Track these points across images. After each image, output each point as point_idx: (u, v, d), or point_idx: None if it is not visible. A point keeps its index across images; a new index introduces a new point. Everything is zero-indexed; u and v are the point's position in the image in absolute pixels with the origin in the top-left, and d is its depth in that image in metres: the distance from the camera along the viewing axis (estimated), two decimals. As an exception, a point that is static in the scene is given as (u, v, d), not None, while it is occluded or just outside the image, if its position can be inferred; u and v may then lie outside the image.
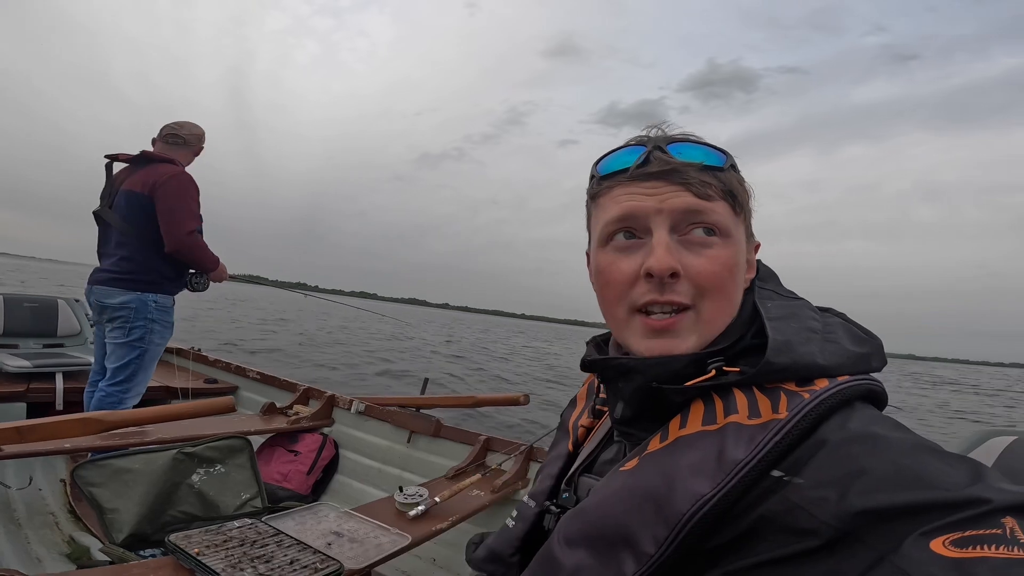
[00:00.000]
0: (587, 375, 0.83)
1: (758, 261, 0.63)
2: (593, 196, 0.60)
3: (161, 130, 2.51)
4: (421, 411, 2.46)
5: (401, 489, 1.67)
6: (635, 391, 0.55)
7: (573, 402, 0.82)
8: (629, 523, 0.47)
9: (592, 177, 0.60)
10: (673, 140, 0.56)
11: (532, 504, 0.70)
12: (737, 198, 0.55)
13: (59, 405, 2.50)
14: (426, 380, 2.74)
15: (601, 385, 0.77)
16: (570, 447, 0.73)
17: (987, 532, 0.34)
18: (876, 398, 0.50)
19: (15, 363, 2.57)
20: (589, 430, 0.74)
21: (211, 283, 2.58)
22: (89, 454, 1.92)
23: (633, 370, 0.55)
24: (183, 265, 2.44)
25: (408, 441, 2.35)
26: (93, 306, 2.39)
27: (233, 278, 2.71)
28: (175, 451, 1.77)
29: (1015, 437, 0.93)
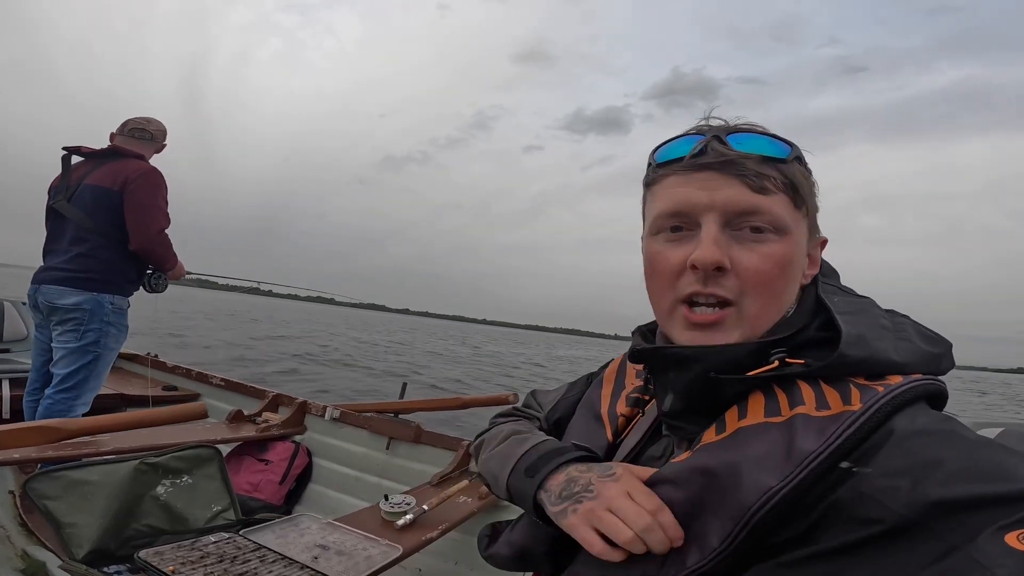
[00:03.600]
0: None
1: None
2: (648, 184, 0.59)
3: (124, 124, 2.37)
4: (400, 416, 2.38)
5: (387, 497, 1.60)
6: (690, 381, 0.53)
7: (596, 380, 0.77)
8: (691, 516, 0.46)
9: (649, 164, 0.58)
10: (734, 130, 0.54)
11: None
12: (799, 192, 0.53)
13: (5, 414, 2.32)
14: (404, 384, 2.65)
15: (629, 368, 0.73)
16: (610, 438, 0.68)
17: None
18: (940, 400, 0.49)
19: None
20: (628, 420, 0.69)
21: (169, 284, 2.46)
22: (39, 466, 1.77)
23: (690, 359, 0.53)
24: (143, 265, 2.33)
25: (387, 448, 2.26)
26: (41, 306, 2.20)
27: (189, 274, 2.61)
28: (137, 462, 1.65)
29: (1002, 428, 0.94)
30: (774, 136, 0.54)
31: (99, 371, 2.22)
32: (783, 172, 0.52)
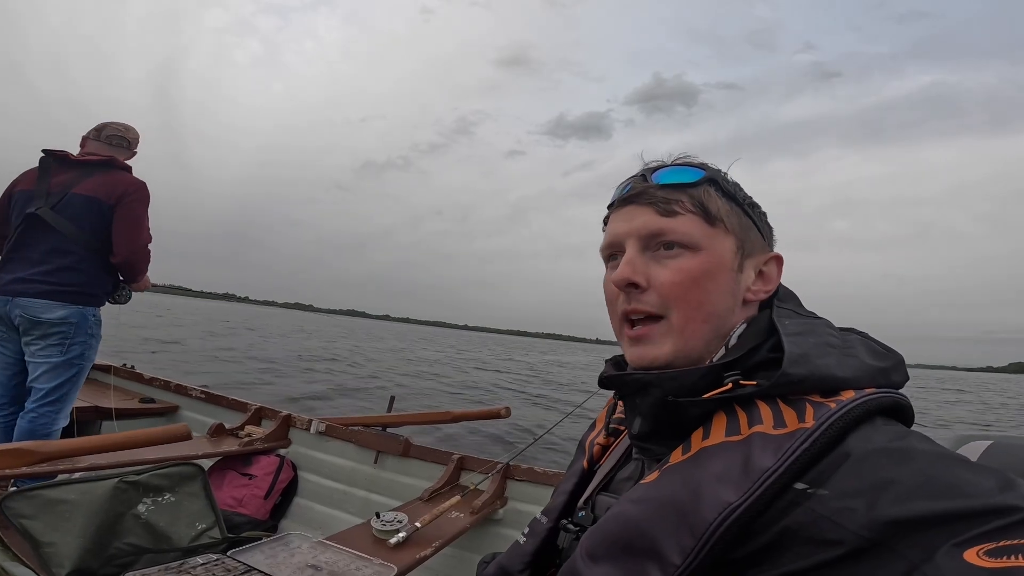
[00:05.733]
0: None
1: (781, 284, 0.63)
2: (604, 223, 0.66)
3: (101, 130, 2.31)
4: (388, 430, 2.34)
5: (378, 515, 1.57)
6: (652, 405, 0.56)
7: (592, 425, 0.83)
8: (654, 534, 0.47)
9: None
10: (658, 167, 0.60)
11: (545, 520, 0.70)
12: (709, 211, 0.57)
13: None
14: (392, 398, 2.62)
15: (619, 403, 0.78)
16: (584, 465, 0.74)
17: (1020, 542, 0.33)
18: (903, 412, 0.50)
19: None
20: (605, 448, 0.74)
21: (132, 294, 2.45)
22: (12, 482, 1.70)
23: (650, 384, 0.56)
24: (116, 277, 2.31)
25: (375, 462, 2.23)
26: (16, 320, 2.09)
27: (155, 286, 2.58)
28: (116, 480, 1.60)
29: (991, 441, 0.95)
30: (689, 164, 0.60)
31: (80, 384, 2.19)
32: (692, 195, 0.57)
